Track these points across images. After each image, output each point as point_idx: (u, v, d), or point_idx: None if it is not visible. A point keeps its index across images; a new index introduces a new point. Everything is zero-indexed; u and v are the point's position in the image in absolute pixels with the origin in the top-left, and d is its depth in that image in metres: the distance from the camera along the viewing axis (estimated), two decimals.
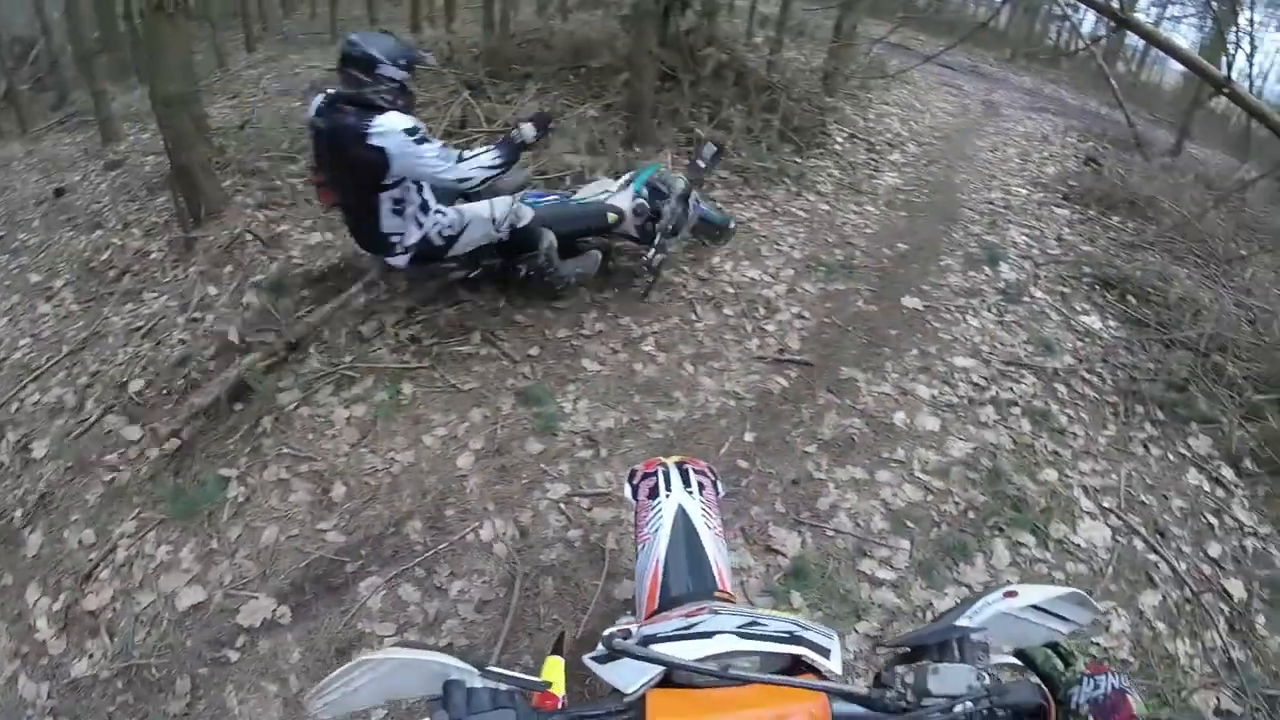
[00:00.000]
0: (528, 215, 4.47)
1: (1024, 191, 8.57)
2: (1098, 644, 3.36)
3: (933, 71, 13.37)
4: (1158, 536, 3.98)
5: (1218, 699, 3.25)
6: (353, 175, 3.93)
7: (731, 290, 5.40)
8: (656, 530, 2.02)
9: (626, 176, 4.97)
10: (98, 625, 3.19)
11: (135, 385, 4.35)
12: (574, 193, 5.08)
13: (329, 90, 3.98)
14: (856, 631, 3.21)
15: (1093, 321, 5.72)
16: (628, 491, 2.30)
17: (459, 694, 0.93)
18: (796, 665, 1.14)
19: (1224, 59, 5.21)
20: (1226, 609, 3.70)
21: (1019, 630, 1.13)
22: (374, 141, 3.69)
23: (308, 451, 3.82)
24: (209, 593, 3.24)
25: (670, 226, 4.75)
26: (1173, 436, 4.67)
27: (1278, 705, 3.31)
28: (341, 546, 3.40)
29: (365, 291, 4.71)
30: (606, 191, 4.91)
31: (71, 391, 4.49)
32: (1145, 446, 4.57)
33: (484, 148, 4.18)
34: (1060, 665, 1.06)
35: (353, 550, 3.38)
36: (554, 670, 1.50)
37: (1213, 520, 4.16)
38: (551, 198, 4.90)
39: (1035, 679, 1.06)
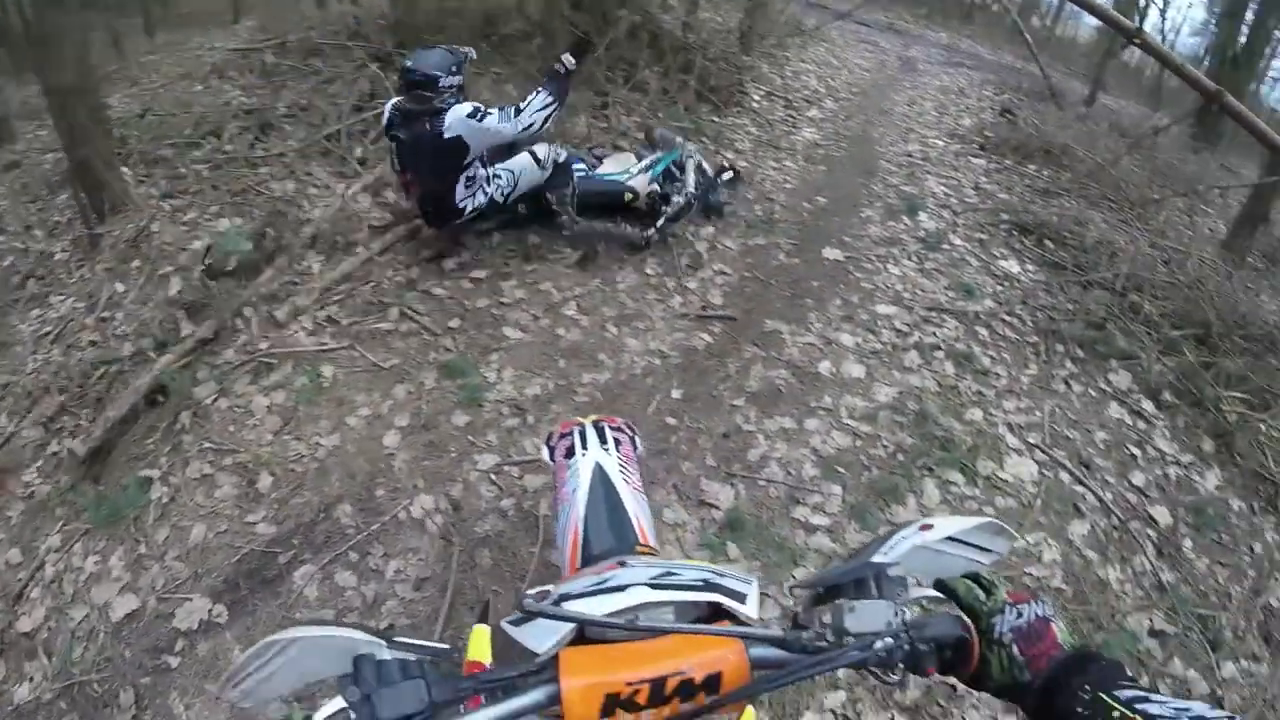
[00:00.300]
0: (565, 152, 5.13)
1: (941, 143, 8.75)
2: (1030, 574, 3.46)
3: (850, 29, 13.49)
4: (1083, 469, 4.12)
5: (1151, 620, 3.39)
6: (437, 167, 4.55)
7: (652, 250, 5.40)
8: (575, 489, 2.01)
9: (649, 160, 5.45)
10: (34, 646, 3.11)
11: (48, 396, 4.21)
12: (599, 163, 5.53)
13: (396, 104, 4.59)
14: (794, 578, 3.26)
15: (1011, 266, 5.87)
16: (545, 453, 2.28)
17: (369, 667, 0.91)
18: (716, 613, 1.13)
19: (1136, 12, 5.31)
20: (1154, 534, 3.86)
21: (939, 563, 1.12)
22: (449, 136, 4.36)
23: (230, 444, 3.75)
24: (142, 599, 3.17)
25: (673, 213, 5.33)
26: (1093, 373, 4.81)
27: (1209, 623, 3.46)
28: (272, 537, 3.35)
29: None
30: (628, 172, 5.34)
31: None
32: (1067, 383, 4.71)
33: (534, 92, 4.66)
34: (982, 596, 1.05)
35: (284, 540, 3.34)
36: (480, 639, 1.50)
37: (1135, 451, 4.31)
38: (579, 167, 5.31)
39: (957, 611, 1.05)
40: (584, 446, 2.14)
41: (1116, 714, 0.82)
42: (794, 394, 4.26)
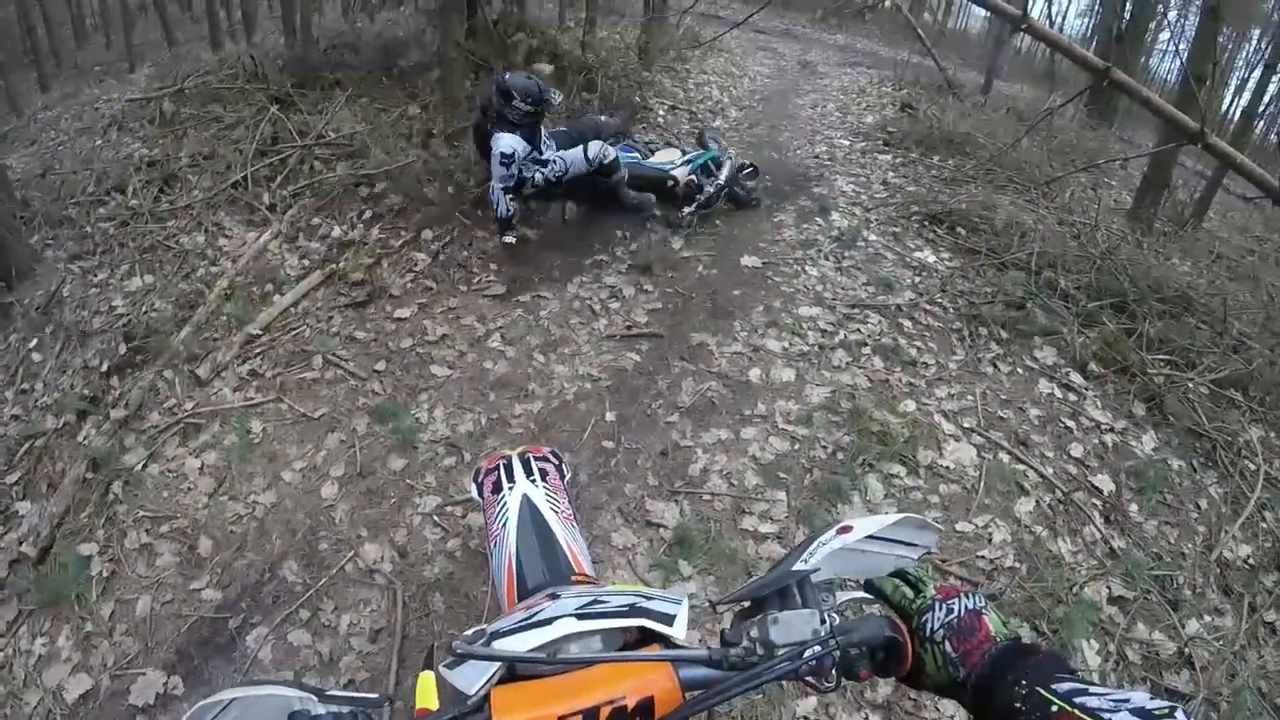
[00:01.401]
0: (612, 153, 5.87)
1: (846, 143, 8.89)
2: (983, 556, 3.53)
3: (748, 38, 13.63)
4: (1021, 447, 4.20)
5: (1108, 588, 3.46)
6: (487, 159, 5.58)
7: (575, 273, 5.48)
8: (504, 524, 2.01)
9: (690, 155, 6.43)
10: None
11: None
12: (649, 155, 6.48)
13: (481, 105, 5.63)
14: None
15: (927, 256, 5.96)
16: (473, 491, 2.28)
17: None
18: (647, 637, 1.14)
19: None
20: (1099, 503, 3.94)
21: (866, 563, 1.13)
22: (490, 146, 5.38)
23: (165, 510, 3.71)
24: (95, 678, 3.12)
25: (705, 200, 6.27)
26: (1019, 352, 4.90)
27: (1166, 583, 3.54)
28: (220, 603, 3.32)
29: None
30: (672, 163, 6.33)
31: None
32: (994, 365, 4.79)
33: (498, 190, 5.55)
34: (910, 594, 1.07)
35: (232, 605, 3.31)
36: (426, 685, 1.51)
37: (1070, 423, 4.40)
38: (633, 155, 6.33)
39: (889, 611, 1.07)
40: (510, 480, 2.14)
41: (1055, 708, 0.83)
42: (727, 404, 4.31)
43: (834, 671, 0.98)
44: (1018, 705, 0.86)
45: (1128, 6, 11.16)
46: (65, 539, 3.66)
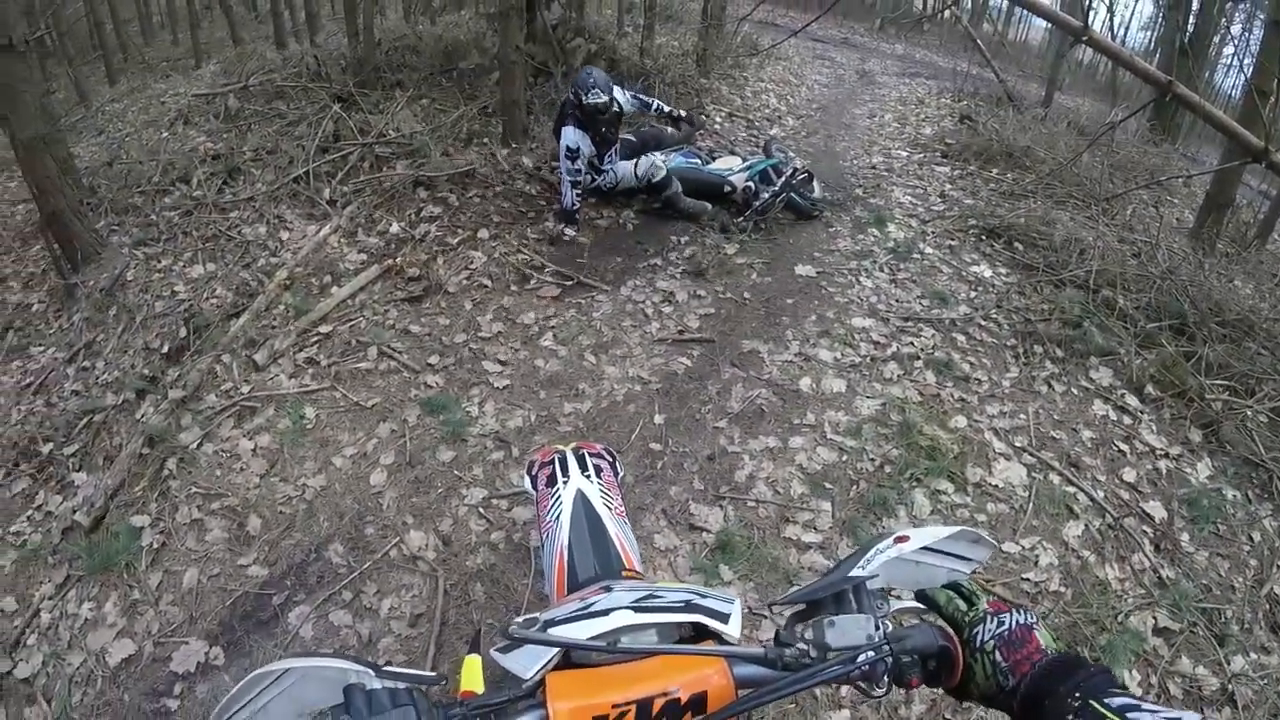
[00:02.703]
0: (661, 171, 6.20)
1: (904, 153, 8.82)
2: (1028, 579, 3.46)
3: (807, 46, 13.60)
4: (1072, 469, 4.11)
5: (1154, 618, 3.36)
6: None
7: (629, 276, 5.50)
8: (558, 517, 2.01)
9: (749, 162, 6.67)
10: (33, 693, 3.10)
11: (34, 446, 4.21)
12: (710, 161, 6.76)
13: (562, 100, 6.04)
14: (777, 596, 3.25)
15: (983, 270, 5.89)
16: (526, 483, 2.29)
17: (359, 697, 0.91)
18: (699, 634, 1.15)
19: (1083, 8, 5.35)
20: (1150, 530, 3.83)
21: (919, 574, 1.13)
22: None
23: (218, 488, 3.76)
24: (139, 644, 3.17)
25: (761, 206, 6.33)
26: (1074, 372, 4.80)
27: (1214, 617, 3.42)
28: (265, 579, 3.36)
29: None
30: (730, 169, 6.59)
31: None
32: (1049, 384, 4.70)
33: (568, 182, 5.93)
34: (963, 606, 1.05)
35: (277, 582, 3.35)
36: (472, 668, 1.50)
37: (1124, 447, 4.29)
38: (694, 160, 6.69)
39: (940, 622, 1.05)
40: (565, 474, 2.15)
41: None
42: (776, 412, 4.29)
43: (885, 677, 0.98)
44: (1070, 717, 0.85)
45: (1191, 20, 10.97)
46: (118, 510, 3.72)
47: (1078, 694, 0.86)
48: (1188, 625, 3.35)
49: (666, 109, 6.49)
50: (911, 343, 4.94)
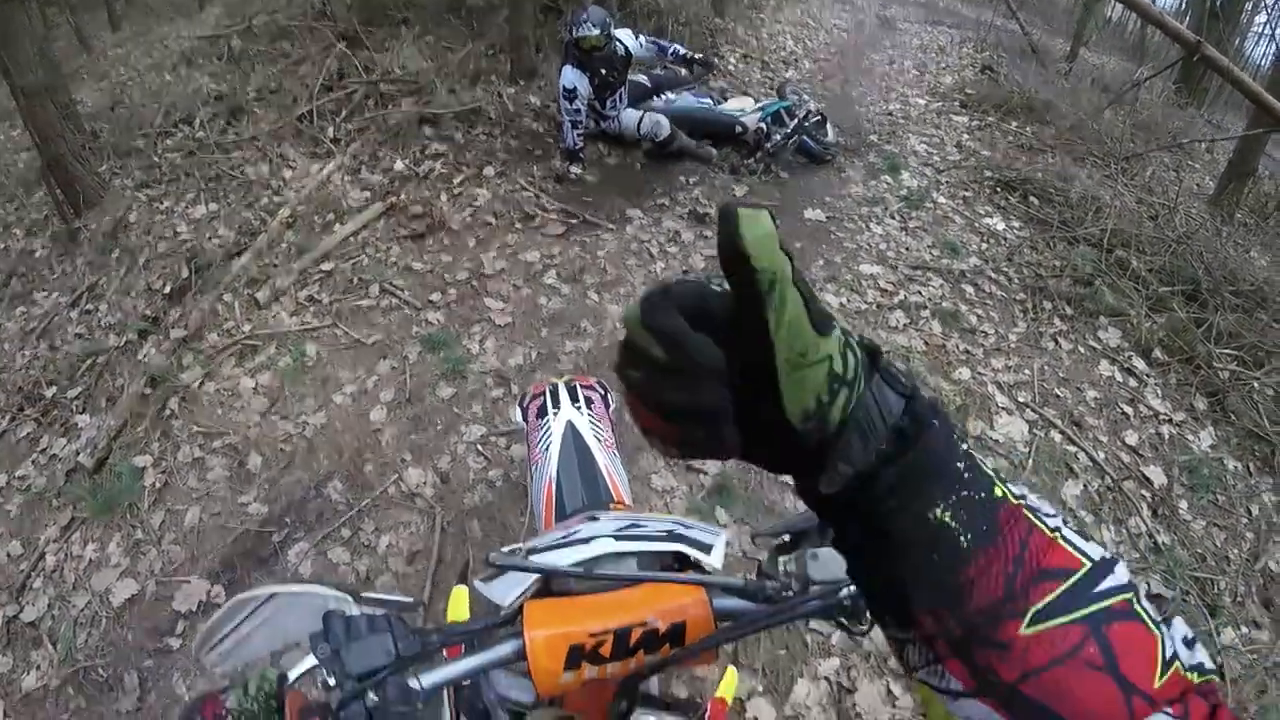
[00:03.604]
0: (664, 131, 6.01)
1: (922, 101, 8.68)
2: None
3: None
4: (1074, 428, 4.09)
5: (1147, 584, 3.34)
6: None
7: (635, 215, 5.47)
8: (547, 448, 2.01)
9: (763, 104, 6.48)
10: (39, 635, 3.14)
11: (38, 390, 4.24)
12: (722, 102, 6.67)
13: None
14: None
15: (996, 223, 5.83)
16: (517, 415, 2.28)
17: (338, 623, 0.91)
18: (684, 565, 1.14)
19: None
20: (1148, 495, 3.81)
21: None
22: None
23: (219, 427, 3.77)
24: (141, 584, 3.20)
25: (772, 147, 6.23)
26: (1082, 330, 4.77)
27: (1207, 586, 3.41)
28: (265, 517, 3.38)
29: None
30: (743, 110, 6.38)
31: None
32: (1056, 341, 4.67)
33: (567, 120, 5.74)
34: None
35: (277, 519, 3.37)
36: (459, 599, 1.50)
37: (1128, 409, 4.27)
38: (705, 100, 6.55)
39: None
40: (555, 406, 2.14)
41: None
42: None
43: (867, 615, 0.96)
44: None
45: None
46: (121, 451, 3.74)
47: None
48: (1180, 593, 3.34)
49: (684, 52, 6.34)
50: (919, 292, 4.90)
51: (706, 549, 1.13)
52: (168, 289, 4.56)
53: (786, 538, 1.10)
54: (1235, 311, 4.84)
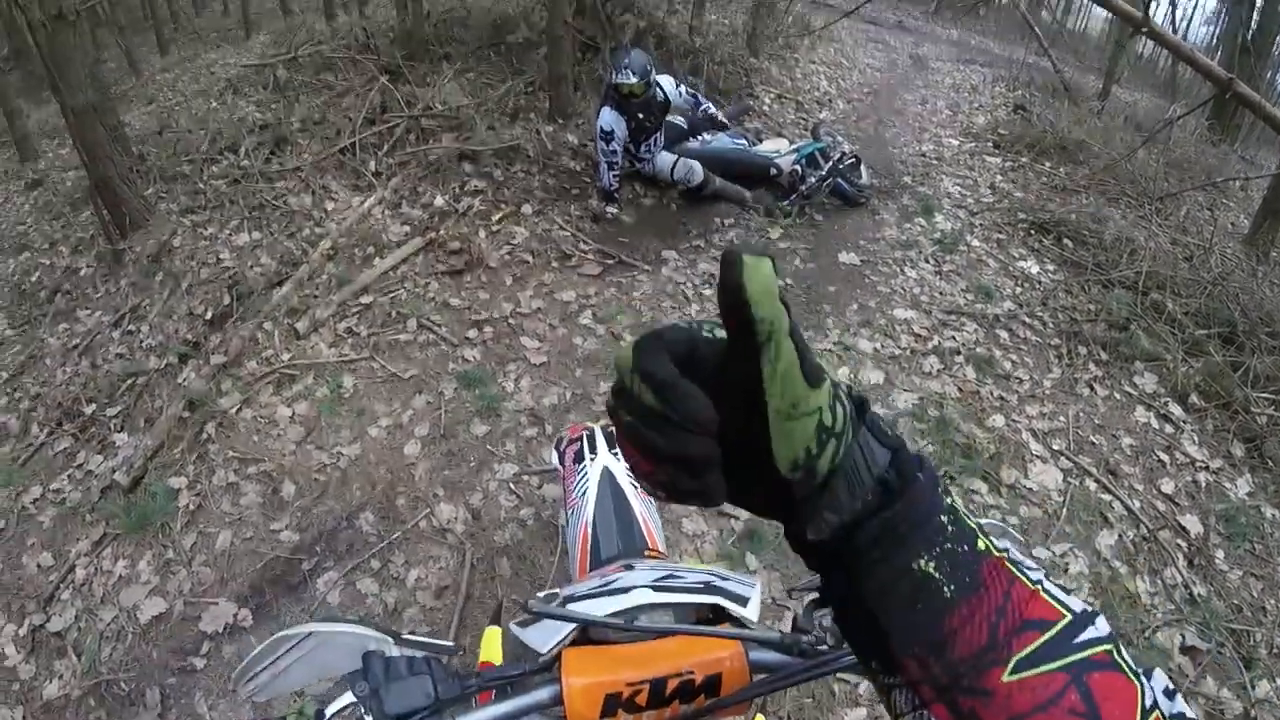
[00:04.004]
0: (697, 177, 6.05)
1: (955, 142, 8.66)
2: (1059, 585, 3.39)
3: (859, 29, 13.40)
4: (1110, 476, 4.02)
5: (1182, 636, 3.26)
6: None
7: (671, 256, 5.49)
8: (584, 494, 2.02)
9: (797, 145, 6.50)
10: (64, 645, 3.17)
11: (78, 406, 4.30)
12: (757, 143, 6.65)
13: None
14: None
15: (1030, 266, 5.79)
16: (554, 458, 2.30)
17: (377, 663, 0.93)
18: (718, 617, 1.15)
19: (1143, 1, 5.20)
20: (1184, 545, 3.73)
21: None
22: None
23: (254, 453, 3.81)
24: (170, 603, 3.23)
25: (807, 190, 6.26)
26: (1118, 376, 4.71)
27: (1243, 639, 3.32)
28: (296, 545, 3.41)
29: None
30: (778, 151, 6.43)
31: (15, 417, 4.44)
32: (1091, 387, 4.62)
33: (608, 169, 5.86)
34: None
35: (307, 547, 3.40)
36: (492, 640, 1.51)
37: (1164, 457, 4.20)
38: (740, 141, 6.53)
39: None
40: (593, 451, 2.15)
41: None
42: None
43: None
44: None
45: (1255, 16, 10.63)
46: (157, 471, 3.78)
47: None
48: (1215, 646, 3.25)
49: (714, 113, 6.46)
50: (953, 337, 4.87)
51: (743, 601, 1.13)
52: (209, 314, 4.62)
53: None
54: (1273, 354, 4.73)
